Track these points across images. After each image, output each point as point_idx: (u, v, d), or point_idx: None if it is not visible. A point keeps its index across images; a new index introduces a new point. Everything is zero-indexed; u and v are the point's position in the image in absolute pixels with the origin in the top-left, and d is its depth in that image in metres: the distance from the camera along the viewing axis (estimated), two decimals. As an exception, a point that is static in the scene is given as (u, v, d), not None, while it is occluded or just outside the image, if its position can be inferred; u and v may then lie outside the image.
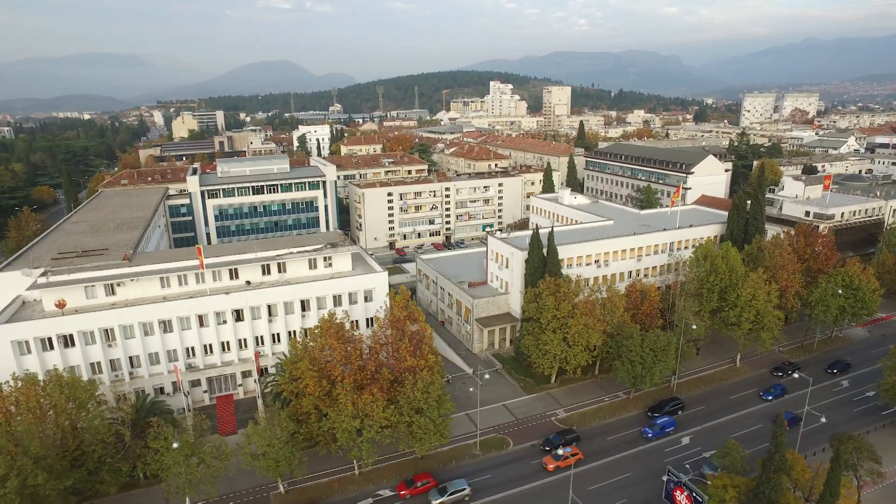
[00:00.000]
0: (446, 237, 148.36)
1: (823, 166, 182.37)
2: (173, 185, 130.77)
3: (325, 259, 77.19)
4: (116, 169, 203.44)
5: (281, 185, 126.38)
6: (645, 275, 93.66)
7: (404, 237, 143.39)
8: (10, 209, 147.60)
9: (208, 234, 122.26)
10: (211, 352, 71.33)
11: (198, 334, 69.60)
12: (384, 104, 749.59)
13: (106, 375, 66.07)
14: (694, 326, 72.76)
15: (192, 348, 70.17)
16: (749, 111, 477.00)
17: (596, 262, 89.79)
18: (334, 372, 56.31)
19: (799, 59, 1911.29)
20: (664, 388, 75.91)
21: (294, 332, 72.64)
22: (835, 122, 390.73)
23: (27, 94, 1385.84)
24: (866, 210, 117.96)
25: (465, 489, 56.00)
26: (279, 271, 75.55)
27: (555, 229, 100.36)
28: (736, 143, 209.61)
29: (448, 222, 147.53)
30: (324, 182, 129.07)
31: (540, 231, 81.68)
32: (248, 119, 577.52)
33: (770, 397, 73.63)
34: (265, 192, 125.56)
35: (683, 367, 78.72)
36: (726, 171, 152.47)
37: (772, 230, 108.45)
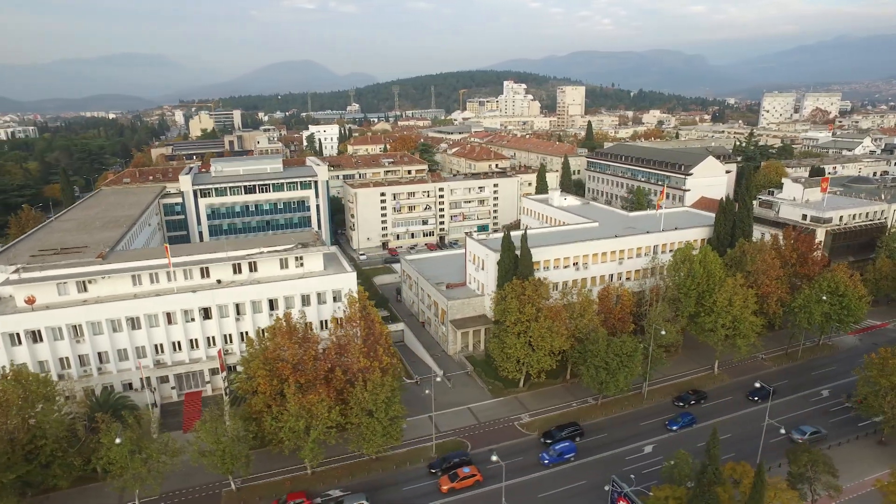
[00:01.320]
0: (440, 237, 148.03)
1: (835, 168, 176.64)
2: (172, 183, 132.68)
3: (296, 259, 77.55)
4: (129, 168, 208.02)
5: (273, 184, 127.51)
6: (627, 278, 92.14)
7: (397, 237, 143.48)
8: (17, 207, 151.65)
9: (201, 233, 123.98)
10: (179, 349, 72.35)
11: (166, 331, 70.67)
12: (401, 104, 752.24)
13: (74, 371, 67.56)
14: (664, 332, 71.21)
15: (161, 345, 71.28)
16: (768, 111, 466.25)
17: (574, 264, 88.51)
18: (285, 371, 56.64)
19: (830, 57, 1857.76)
20: (635, 394, 74.55)
21: (259, 330, 73.17)
22: (857, 122, 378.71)
23: (60, 95, 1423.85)
24: (867, 213, 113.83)
25: None
26: (250, 270, 76.18)
27: (539, 231, 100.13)
28: (743, 144, 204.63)
29: (442, 222, 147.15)
30: (315, 182, 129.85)
31: (512, 233, 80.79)
32: (266, 118, 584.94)
33: (675, 427, 67.47)
34: (257, 191, 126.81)
35: (658, 373, 77.20)
36: (727, 172, 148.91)
37: (768, 233, 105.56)
